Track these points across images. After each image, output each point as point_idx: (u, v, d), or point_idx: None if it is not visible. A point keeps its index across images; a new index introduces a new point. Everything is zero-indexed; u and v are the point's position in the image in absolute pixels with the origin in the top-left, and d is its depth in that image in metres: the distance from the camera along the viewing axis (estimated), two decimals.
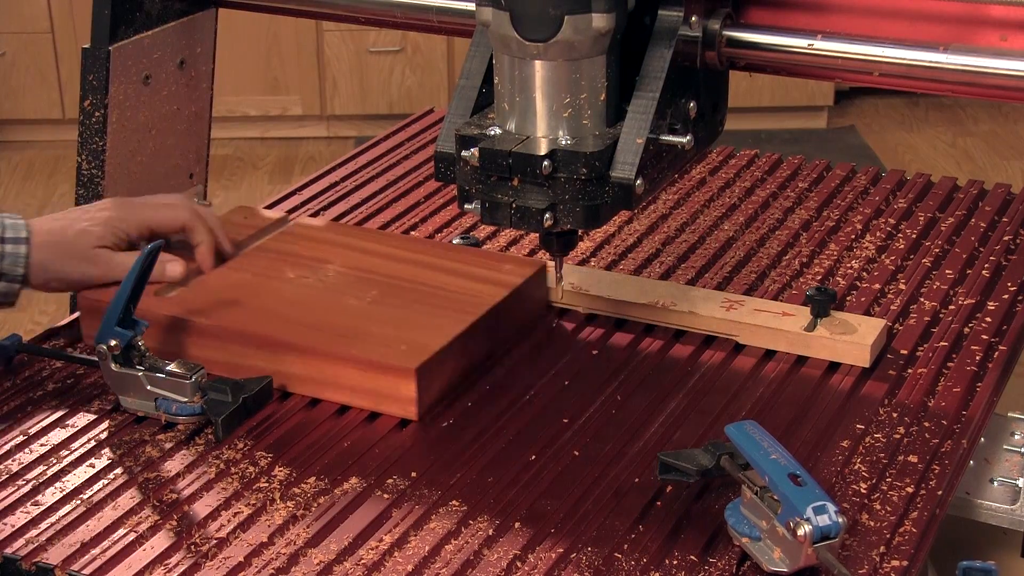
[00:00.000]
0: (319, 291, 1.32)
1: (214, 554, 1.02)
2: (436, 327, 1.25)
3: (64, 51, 4.09)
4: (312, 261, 1.38)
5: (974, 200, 1.62)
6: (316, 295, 1.32)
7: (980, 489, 1.19)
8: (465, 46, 1.23)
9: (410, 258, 1.38)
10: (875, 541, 1.02)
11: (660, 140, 1.14)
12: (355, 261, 1.38)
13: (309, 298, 1.31)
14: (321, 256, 1.39)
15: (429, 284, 1.33)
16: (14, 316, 3.14)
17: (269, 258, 1.39)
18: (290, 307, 1.29)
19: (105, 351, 1.18)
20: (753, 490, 1.00)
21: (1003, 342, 1.31)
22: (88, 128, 1.53)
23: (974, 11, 1.16)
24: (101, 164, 1.54)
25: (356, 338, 1.24)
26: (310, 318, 1.27)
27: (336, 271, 1.36)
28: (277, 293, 1.32)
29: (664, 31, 1.15)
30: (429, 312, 1.28)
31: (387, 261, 1.38)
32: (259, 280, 1.34)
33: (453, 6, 1.43)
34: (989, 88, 1.16)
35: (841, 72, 1.23)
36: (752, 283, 1.43)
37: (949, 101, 4.33)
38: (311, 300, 1.31)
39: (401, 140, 1.84)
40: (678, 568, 1.00)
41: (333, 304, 1.30)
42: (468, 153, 1.12)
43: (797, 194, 1.64)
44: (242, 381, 1.20)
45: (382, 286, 1.33)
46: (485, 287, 1.32)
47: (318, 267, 1.37)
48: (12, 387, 1.26)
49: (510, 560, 1.01)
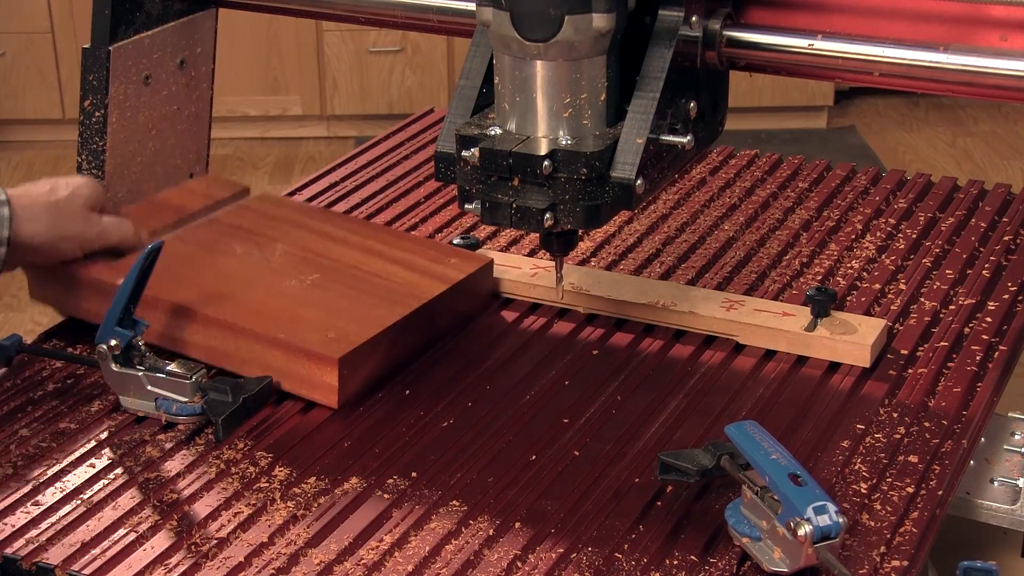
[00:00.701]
0: (261, 270, 1.33)
1: (214, 554, 1.02)
2: (368, 317, 1.26)
3: (64, 51, 4.09)
4: (262, 238, 1.39)
5: (974, 200, 1.62)
6: (257, 274, 1.33)
7: (980, 489, 1.19)
8: (465, 46, 1.23)
9: (359, 243, 1.39)
10: (875, 541, 1.02)
11: (660, 140, 1.14)
12: (305, 241, 1.39)
13: (250, 276, 1.32)
14: (272, 233, 1.40)
15: (372, 272, 1.34)
16: (14, 316, 3.14)
17: (220, 231, 1.40)
18: (229, 283, 1.30)
19: (105, 351, 1.18)
20: (753, 490, 1.00)
21: (1003, 342, 1.31)
22: (88, 128, 1.53)
23: (974, 11, 1.16)
24: (101, 164, 1.54)
25: (286, 321, 1.24)
26: (247, 297, 1.28)
27: (283, 251, 1.36)
28: (219, 268, 1.33)
29: (664, 31, 1.15)
30: (365, 301, 1.29)
31: (336, 244, 1.38)
32: (203, 254, 1.36)
33: (453, 6, 1.43)
34: (989, 88, 1.16)
35: (841, 72, 1.22)
36: (752, 283, 1.43)
37: (949, 101, 4.33)
38: (251, 278, 1.32)
39: (401, 140, 1.84)
40: (678, 568, 1.00)
41: (272, 284, 1.31)
42: (468, 153, 1.12)
43: (797, 194, 1.64)
44: (242, 381, 1.20)
45: (325, 269, 1.34)
46: (426, 280, 1.33)
47: (267, 244, 1.38)
48: (12, 387, 1.26)
49: (510, 560, 1.01)
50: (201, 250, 1.37)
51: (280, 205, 1.50)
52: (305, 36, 4.17)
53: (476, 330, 1.36)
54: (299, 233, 1.40)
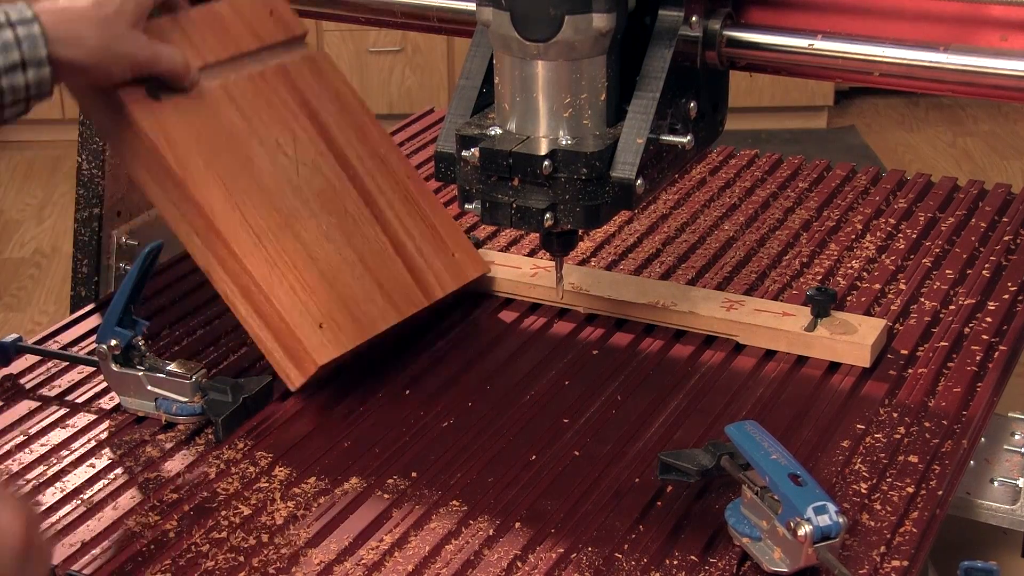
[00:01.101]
0: (286, 186, 1.27)
1: (214, 554, 1.02)
2: (362, 315, 1.25)
3: None
4: (301, 132, 1.32)
5: (974, 200, 1.62)
6: (281, 191, 1.27)
7: (980, 489, 1.19)
8: (465, 46, 1.23)
9: (386, 190, 1.34)
10: (875, 541, 1.02)
11: (660, 140, 1.14)
12: (338, 158, 1.33)
13: (274, 190, 1.26)
14: (310, 128, 1.33)
15: (383, 244, 1.31)
16: (14, 316, 3.14)
17: (266, 101, 1.31)
18: (253, 193, 1.25)
19: (105, 351, 1.18)
20: (753, 490, 1.00)
21: (1003, 342, 1.31)
22: (88, 128, 1.53)
23: (974, 11, 1.16)
24: (101, 164, 1.54)
25: (285, 285, 1.22)
26: (261, 222, 1.24)
27: (313, 164, 1.30)
28: (252, 165, 1.26)
29: (664, 31, 1.15)
30: (366, 284, 1.27)
31: (366, 177, 1.33)
32: (244, 135, 1.28)
33: (453, 6, 1.43)
34: (989, 88, 1.16)
35: (841, 72, 1.22)
36: (752, 283, 1.43)
37: (949, 101, 4.33)
38: (275, 193, 1.26)
39: (401, 140, 1.84)
40: (678, 568, 1.00)
41: (292, 215, 1.26)
42: (468, 153, 1.12)
43: (797, 194, 1.64)
44: (242, 381, 1.20)
45: (342, 215, 1.29)
46: (427, 278, 1.32)
47: (302, 146, 1.31)
48: (12, 387, 1.26)
49: (510, 560, 1.01)
50: (243, 123, 1.28)
51: (330, 82, 1.39)
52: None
53: (476, 330, 1.36)
54: (337, 141, 1.34)
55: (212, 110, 1.26)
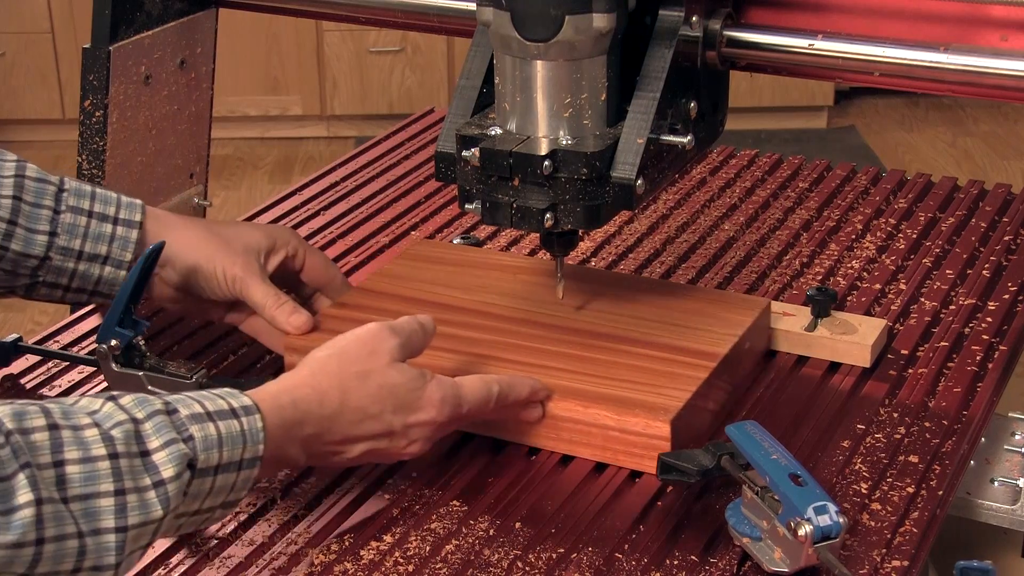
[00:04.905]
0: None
1: (215, 554, 1.02)
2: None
3: (64, 51, 4.09)
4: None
5: (974, 200, 1.62)
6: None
7: (981, 489, 1.19)
8: (465, 46, 1.23)
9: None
10: (876, 541, 1.02)
11: (661, 140, 1.14)
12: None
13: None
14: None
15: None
16: (14, 316, 3.14)
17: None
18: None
19: (105, 351, 1.18)
20: (754, 490, 1.00)
21: (1003, 342, 1.31)
22: (88, 128, 1.53)
23: (975, 11, 1.16)
24: (101, 164, 1.54)
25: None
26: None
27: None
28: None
29: (665, 31, 1.15)
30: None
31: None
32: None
33: (453, 6, 1.43)
34: (989, 88, 1.16)
35: (842, 72, 1.22)
36: (753, 283, 1.43)
37: (949, 101, 4.34)
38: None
39: (401, 140, 1.84)
40: (679, 568, 1.00)
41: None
42: (469, 153, 1.12)
43: (797, 194, 1.64)
44: (242, 381, 1.20)
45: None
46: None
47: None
48: (12, 387, 1.26)
49: (510, 560, 1.01)
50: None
51: None
52: (305, 36, 4.17)
53: None
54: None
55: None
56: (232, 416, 0.92)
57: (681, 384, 1.14)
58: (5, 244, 1.17)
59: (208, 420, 0.91)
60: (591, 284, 1.31)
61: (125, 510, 0.84)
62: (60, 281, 1.21)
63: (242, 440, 0.92)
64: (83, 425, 0.85)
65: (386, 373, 1.03)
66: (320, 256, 1.28)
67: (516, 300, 1.28)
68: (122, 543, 0.84)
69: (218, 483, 0.91)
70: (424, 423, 1.04)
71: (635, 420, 1.10)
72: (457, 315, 1.25)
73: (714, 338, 1.21)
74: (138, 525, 0.85)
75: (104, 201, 1.21)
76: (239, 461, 0.92)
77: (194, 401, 0.92)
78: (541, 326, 1.24)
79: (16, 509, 0.79)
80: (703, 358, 1.18)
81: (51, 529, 0.80)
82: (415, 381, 1.04)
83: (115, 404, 0.88)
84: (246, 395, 0.96)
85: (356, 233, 1.56)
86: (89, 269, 1.20)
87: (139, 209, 1.21)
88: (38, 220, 1.18)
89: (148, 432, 0.87)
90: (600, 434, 1.12)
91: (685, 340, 1.20)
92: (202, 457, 0.89)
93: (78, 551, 0.82)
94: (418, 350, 1.08)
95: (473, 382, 1.08)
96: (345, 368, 1.02)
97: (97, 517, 0.83)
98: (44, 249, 1.19)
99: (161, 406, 0.89)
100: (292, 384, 1.00)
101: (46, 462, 0.82)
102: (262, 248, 1.23)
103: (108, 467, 0.84)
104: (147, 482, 0.86)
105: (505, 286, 1.31)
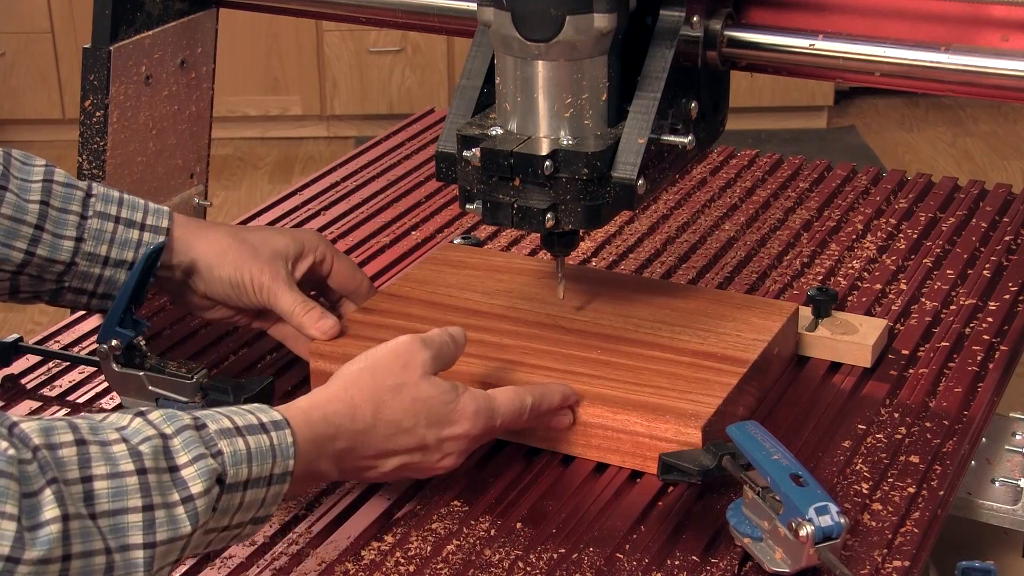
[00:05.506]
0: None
1: (215, 554, 1.02)
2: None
3: (64, 51, 4.09)
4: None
5: (975, 200, 1.62)
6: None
7: (981, 489, 1.19)
8: (465, 46, 1.23)
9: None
10: (877, 541, 1.02)
11: (661, 140, 1.14)
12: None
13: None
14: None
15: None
16: (14, 316, 3.14)
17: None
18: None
19: (106, 351, 1.18)
20: (755, 490, 1.00)
21: (1004, 342, 1.31)
22: (89, 128, 1.53)
23: (975, 11, 1.16)
24: (102, 164, 1.54)
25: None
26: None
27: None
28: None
29: (665, 31, 1.15)
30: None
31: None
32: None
33: (453, 6, 1.43)
34: (990, 88, 1.16)
35: (842, 72, 1.22)
36: (753, 283, 1.43)
37: (949, 101, 4.34)
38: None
39: (401, 140, 1.84)
40: (680, 568, 1.00)
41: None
42: (470, 153, 1.12)
43: (798, 194, 1.64)
44: (242, 381, 1.20)
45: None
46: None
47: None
48: (13, 387, 1.26)
49: (511, 560, 1.01)
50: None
51: None
52: (305, 36, 4.17)
53: None
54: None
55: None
56: (262, 431, 0.92)
57: (712, 390, 1.13)
58: (32, 249, 1.17)
59: (237, 435, 0.90)
60: (616, 289, 1.30)
61: (153, 526, 0.83)
62: (86, 287, 1.20)
63: (272, 455, 0.91)
64: (111, 440, 0.84)
65: (419, 386, 1.02)
66: (347, 261, 1.28)
67: (542, 304, 1.28)
68: (150, 559, 0.83)
69: (247, 498, 0.90)
70: (458, 436, 1.04)
71: (666, 427, 1.10)
72: (483, 320, 1.25)
73: (743, 343, 1.20)
74: (166, 541, 0.84)
75: (132, 207, 1.20)
76: (269, 476, 0.91)
77: (223, 416, 0.91)
78: (568, 331, 1.24)
79: (43, 525, 0.78)
80: (733, 364, 1.17)
81: (78, 545, 0.79)
82: (448, 394, 1.03)
83: (143, 419, 0.88)
84: (276, 410, 0.95)
85: (356, 233, 1.57)
86: (115, 275, 1.20)
87: (166, 215, 1.20)
88: (65, 225, 1.18)
89: (177, 447, 0.87)
90: (630, 440, 1.11)
91: (714, 345, 1.20)
92: (231, 472, 0.88)
93: (106, 568, 0.81)
94: (450, 362, 1.07)
95: (506, 394, 1.07)
96: (378, 382, 1.01)
97: (125, 533, 0.82)
98: (70, 255, 1.18)
99: (190, 421, 0.89)
100: (324, 399, 0.99)
101: (74, 477, 0.81)
102: (290, 254, 1.23)
103: (136, 483, 0.83)
104: (175, 498, 0.85)
105: (530, 290, 1.31)
